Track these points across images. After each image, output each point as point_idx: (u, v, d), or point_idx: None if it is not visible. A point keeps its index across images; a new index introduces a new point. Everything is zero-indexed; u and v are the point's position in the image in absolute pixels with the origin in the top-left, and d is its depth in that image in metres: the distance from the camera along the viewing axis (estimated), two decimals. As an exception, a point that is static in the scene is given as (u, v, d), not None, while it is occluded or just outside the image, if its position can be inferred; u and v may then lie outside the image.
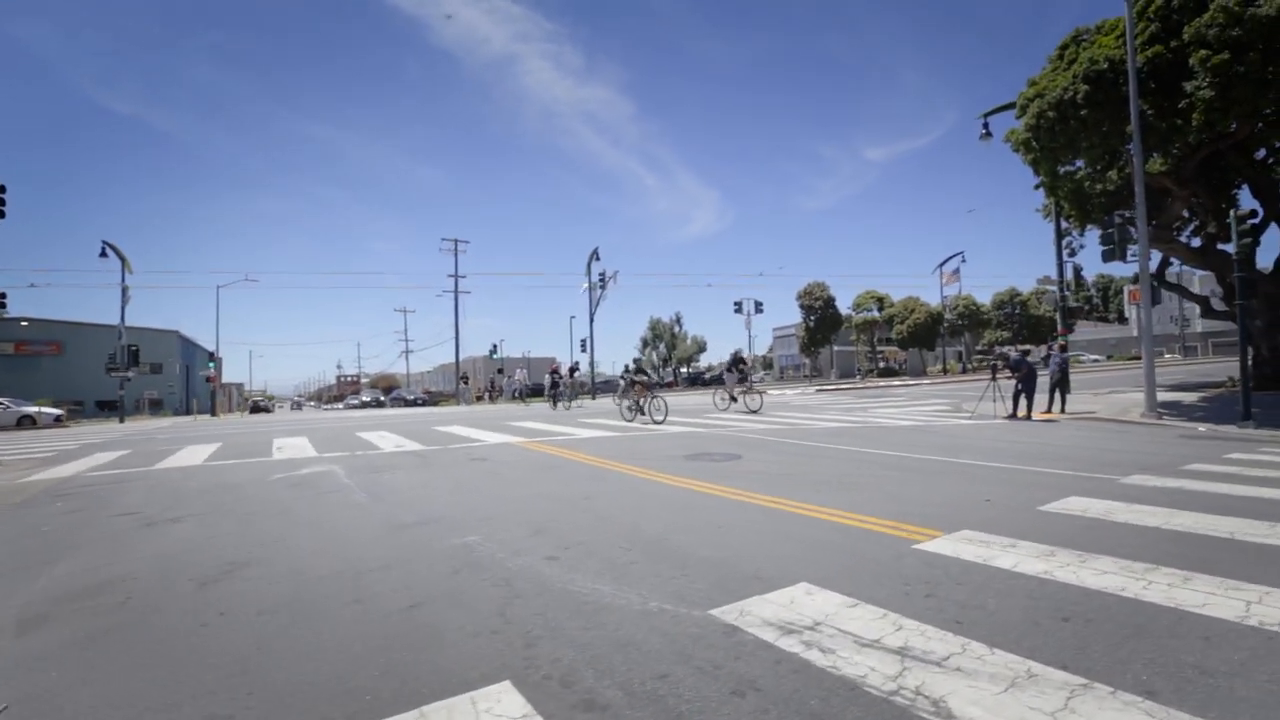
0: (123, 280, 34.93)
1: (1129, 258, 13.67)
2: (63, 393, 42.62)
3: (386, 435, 13.19)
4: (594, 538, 4.37)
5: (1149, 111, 13.24)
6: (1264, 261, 18.13)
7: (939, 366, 51.79)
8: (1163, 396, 16.86)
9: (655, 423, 13.83)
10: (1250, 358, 18.49)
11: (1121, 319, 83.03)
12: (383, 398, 56.69)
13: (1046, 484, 5.92)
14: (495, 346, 45.90)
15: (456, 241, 56.73)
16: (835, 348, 53.78)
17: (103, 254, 33.51)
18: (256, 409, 57.36)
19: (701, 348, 61.90)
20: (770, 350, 70.41)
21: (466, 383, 41.72)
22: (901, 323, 49.37)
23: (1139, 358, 64.78)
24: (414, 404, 48.58)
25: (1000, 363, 14.05)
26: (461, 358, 52.19)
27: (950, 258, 47.96)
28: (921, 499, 5.39)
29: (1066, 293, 19.18)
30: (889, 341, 52.62)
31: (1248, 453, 7.87)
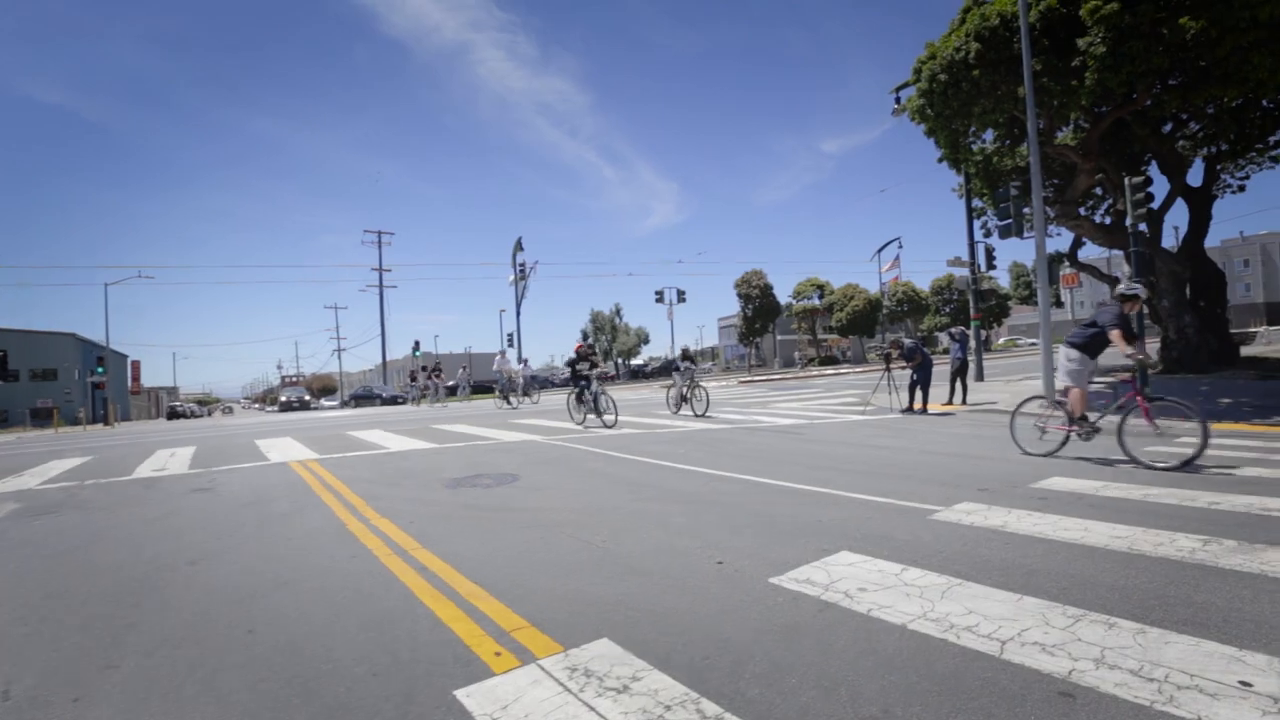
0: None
1: (1026, 234, 12.52)
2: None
3: (180, 452, 11.09)
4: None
5: (1042, 71, 12.05)
6: (1172, 241, 17.45)
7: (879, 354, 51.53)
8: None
9: (609, 426, 11.58)
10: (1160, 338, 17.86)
11: (1059, 303, 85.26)
12: (307, 397, 53.37)
13: (838, 521, 4.40)
14: (417, 344, 43.30)
15: (380, 233, 53.96)
16: (778, 336, 52.95)
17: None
18: (174, 415, 53.53)
19: (644, 340, 60.31)
20: (718, 341, 69.33)
21: (415, 380, 35.77)
22: (841, 310, 48.72)
23: (1072, 340, 66.36)
24: (382, 401, 41.78)
25: (894, 351, 12.73)
26: (403, 355, 49.47)
27: (887, 244, 47.45)
28: (625, 558, 3.79)
29: (978, 274, 18.14)
30: (830, 329, 52.01)
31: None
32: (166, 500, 6.74)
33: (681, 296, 32.00)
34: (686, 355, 15.17)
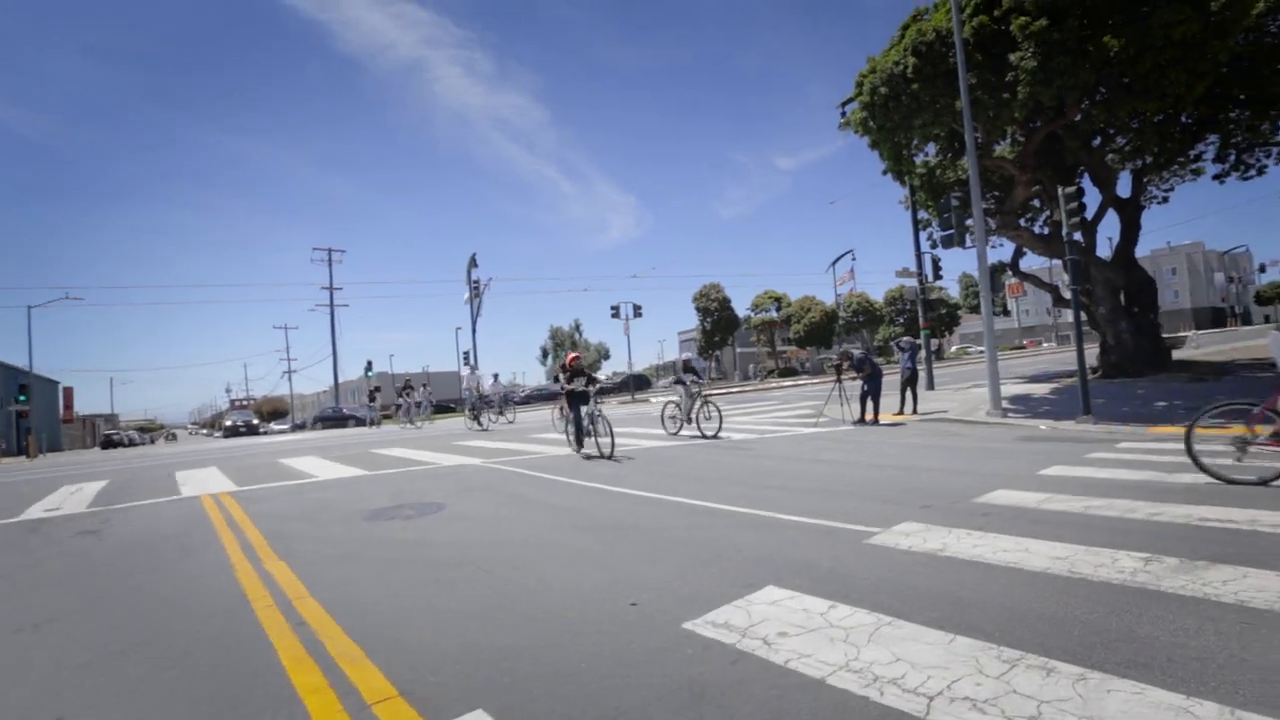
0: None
1: (968, 244, 12.69)
2: None
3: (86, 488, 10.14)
4: None
5: (977, 85, 12.30)
6: (1106, 251, 18.09)
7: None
8: (1018, 389, 16.28)
9: (606, 455, 9.30)
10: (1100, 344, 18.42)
11: (1006, 311, 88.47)
12: (255, 421, 50.88)
13: (770, 548, 4.09)
14: (369, 364, 41.94)
15: (330, 251, 52.37)
16: (738, 349, 53.24)
17: None
18: (109, 444, 50.45)
19: (604, 355, 59.81)
20: (678, 355, 69.43)
21: (373, 400, 32.82)
22: (798, 322, 49.31)
23: (1020, 347, 68.28)
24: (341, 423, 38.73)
25: (844, 362, 12.68)
26: (355, 375, 47.72)
27: (841, 256, 48.40)
28: (531, 601, 3.40)
29: (925, 284, 18.42)
30: (788, 341, 52.58)
31: (1066, 464, 6.51)
32: (44, 546, 6.01)
33: (638, 311, 31.74)
34: (690, 367, 13.04)
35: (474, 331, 40.65)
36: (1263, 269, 67.23)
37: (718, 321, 46.17)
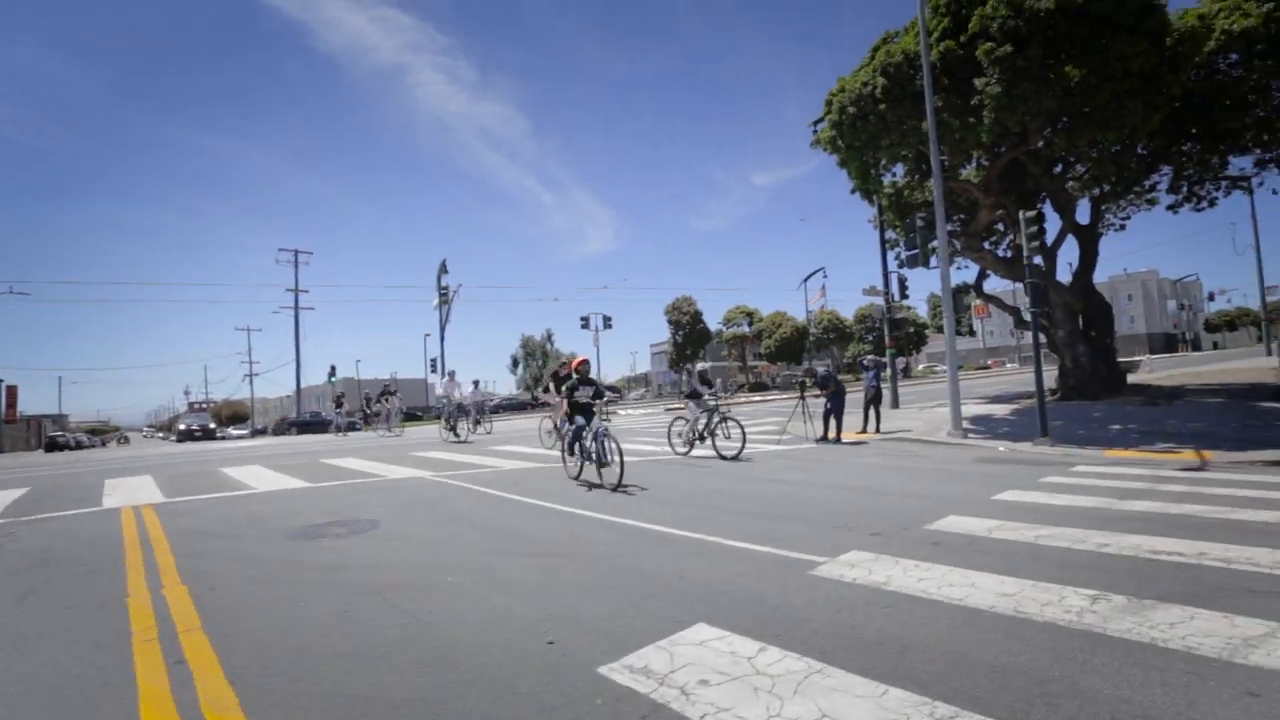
0: None
1: (932, 264, 12.76)
2: None
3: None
4: None
5: (943, 108, 12.44)
6: (1067, 276, 18.47)
7: (807, 380, 52.73)
8: (979, 410, 16.44)
9: (611, 487, 7.44)
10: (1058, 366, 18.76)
11: (971, 332, 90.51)
12: (212, 425, 48.78)
13: (708, 580, 3.86)
14: (333, 369, 40.88)
15: (297, 252, 51.12)
16: (709, 363, 53.25)
17: None
18: (54, 446, 48.08)
19: (575, 366, 59.28)
20: (650, 367, 69.33)
21: (340, 406, 29.68)
22: (769, 337, 49.62)
23: (985, 367, 69.66)
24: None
25: (808, 379, 12.60)
26: (328, 380, 46.26)
27: (813, 273, 48.98)
28: (442, 637, 3.10)
29: (892, 303, 18.57)
30: (759, 356, 52.86)
31: (1021, 489, 6.43)
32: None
33: (608, 323, 31.56)
34: (705, 379, 11.54)
35: (442, 338, 39.96)
36: (1211, 297, 70.08)
37: (689, 335, 46.20)
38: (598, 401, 8.35)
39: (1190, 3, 14.27)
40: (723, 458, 9.92)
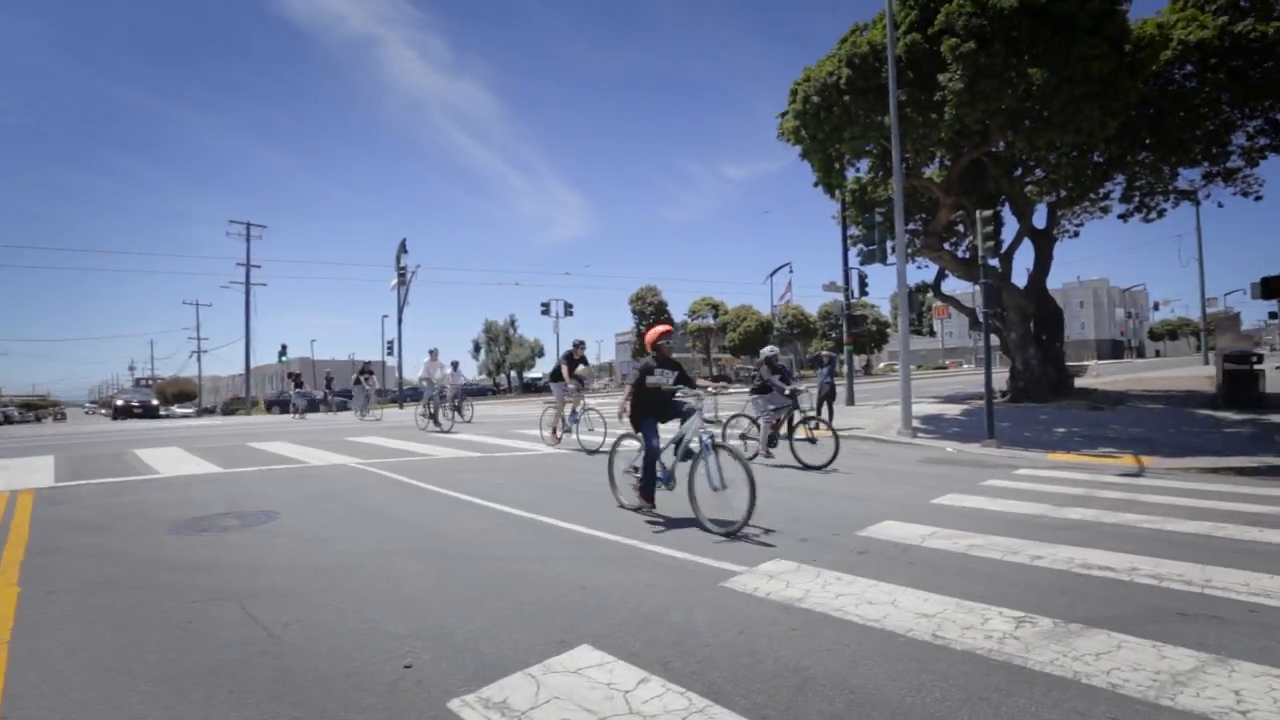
0: None
1: (890, 260, 12.63)
2: None
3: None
4: None
5: (907, 102, 12.27)
6: (1023, 280, 18.65)
7: (770, 374, 52.94)
8: (931, 409, 16.52)
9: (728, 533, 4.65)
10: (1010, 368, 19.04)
11: (931, 332, 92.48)
12: (155, 402, 45.93)
13: (611, 589, 3.50)
14: (284, 348, 39.29)
15: (249, 225, 49.00)
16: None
17: None
18: None
19: (538, 352, 58.51)
20: (615, 357, 68.80)
21: (301, 385, 26.22)
22: (734, 330, 49.67)
23: (942, 367, 71.23)
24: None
25: (761, 371, 12.35)
26: (279, 359, 44.38)
27: (779, 268, 49.12)
28: (288, 660, 2.67)
29: (851, 300, 18.52)
30: (724, 349, 52.91)
31: (961, 492, 6.26)
32: None
33: (569, 309, 30.98)
34: (776, 367, 8.98)
35: (400, 320, 38.84)
36: (1156, 307, 72.85)
37: (653, 325, 45.82)
38: (694, 393, 5.34)
39: (1149, 11, 14.39)
40: (808, 465, 8.01)
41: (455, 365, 16.66)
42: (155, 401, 40.34)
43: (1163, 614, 2.99)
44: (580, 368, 11.49)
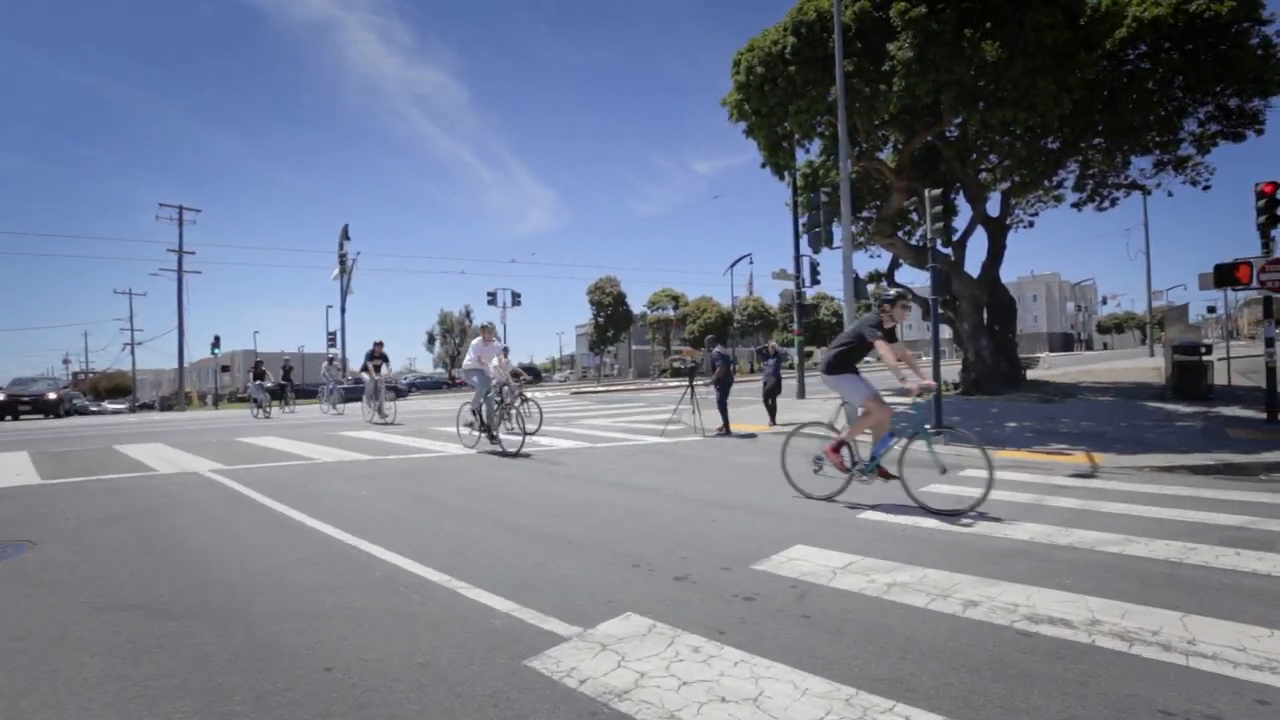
0: None
1: (836, 243, 11.80)
2: None
3: None
4: None
5: (855, 73, 11.40)
6: (975, 271, 18.13)
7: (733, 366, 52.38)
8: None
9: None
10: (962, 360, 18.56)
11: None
12: (54, 397, 41.25)
13: (388, 671, 2.43)
14: (217, 339, 36.91)
15: (181, 209, 46.08)
16: (633, 346, 52.17)
17: None
18: None
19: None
20: (575, 349, 67.44)
21: (260, 379, 22.58)
22: (694, 322, 48.88)
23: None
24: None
25: (696, 360, 11.42)
26: (211, 352, 41.69)
27: (739, 259, 48.57)
28: None
29: (803, 289, 17.73)
30: (684, 341, 52.11)
31: (896, 503, 5.36)
32: None
33: (516, 299, 29.64)
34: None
35: (343, 310, 36.88)
36: (1105, 301, 74.89)
37: (611, 316, 44.69)
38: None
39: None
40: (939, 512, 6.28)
41: (506, 351, 10.99)
42: (55, 396, 34.19)
43: (1137, 713, 2.06)
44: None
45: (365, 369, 14.51)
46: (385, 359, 14.45)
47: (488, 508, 5.36)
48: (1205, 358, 13.57)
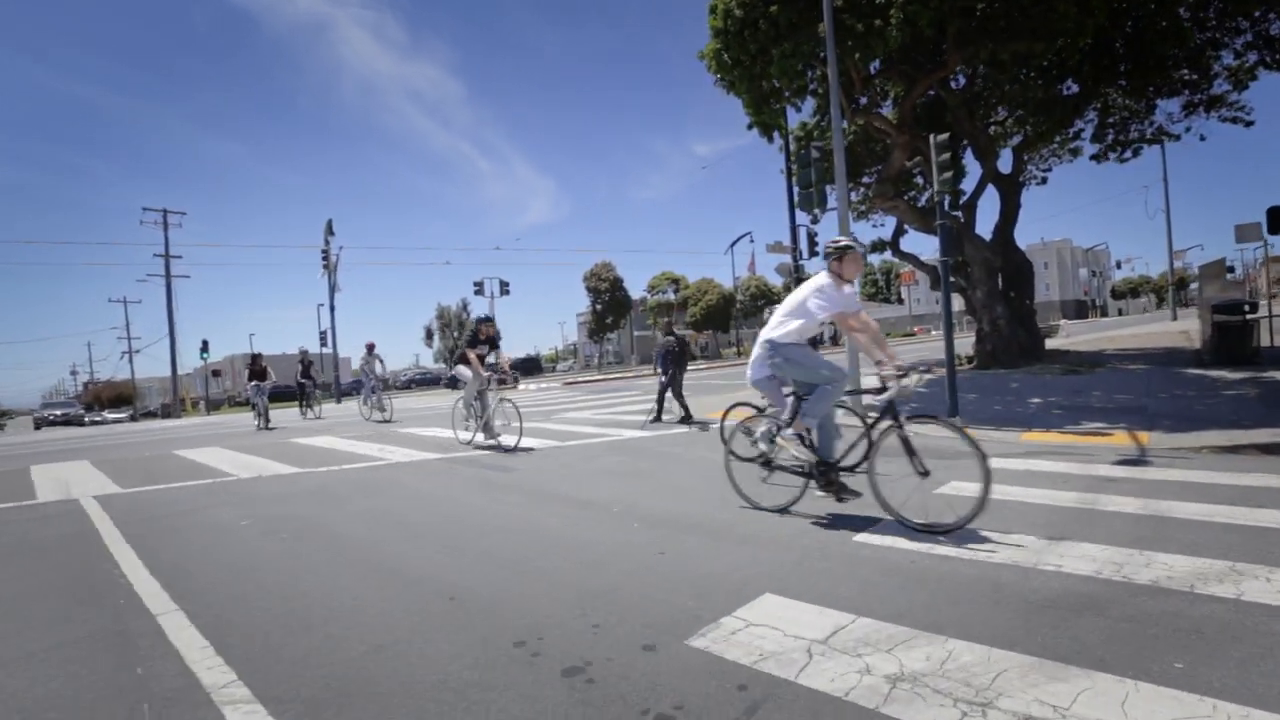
0: None
1: (830, 204, 10.49)
2: None
3: None
4: None
5: (844, 8, 10.00)
6: (987, 234, 16.70)
7: (734, 349, 51.02)
8: (890, 380, 14.58)
9: None
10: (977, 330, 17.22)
11: (900, 299, 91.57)
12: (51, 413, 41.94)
13: None
14: (205, 343, 36.02)
15: (165, 212, 45.09)
16: (634, 332, 50.96)
17: None
18: None
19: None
20: (577, 338, 66.17)
21: (262, 379, 20.18)
22: (696, 304, 47.49)
23: (910, 334, 70.10)
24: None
25: (676, 348, 10.21)
26: (200, 357, 40.94)
27: (740, 238, 47.08)
28: None
29: (800, 261, 16.40)
30: (685, 325, 50.74)
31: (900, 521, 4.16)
32: None
33: (505, 288, 28.44)
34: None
35: (332, 308, 35.78)
36: (1119, 265, 72.61)
37: (609, 303, 43.32)
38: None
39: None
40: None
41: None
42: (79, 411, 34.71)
43: None
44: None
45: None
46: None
47: (380, 539, 4.22)
48: (1250, 317, 12.17)
